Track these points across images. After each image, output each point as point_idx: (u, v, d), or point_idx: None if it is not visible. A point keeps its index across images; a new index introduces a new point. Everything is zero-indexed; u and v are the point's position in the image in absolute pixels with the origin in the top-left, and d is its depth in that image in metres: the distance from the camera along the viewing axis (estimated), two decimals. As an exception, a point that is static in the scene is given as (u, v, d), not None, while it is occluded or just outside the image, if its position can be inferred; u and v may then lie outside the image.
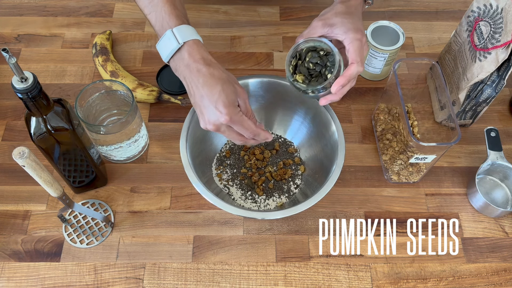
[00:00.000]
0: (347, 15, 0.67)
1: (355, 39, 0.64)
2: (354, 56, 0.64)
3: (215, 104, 0.61)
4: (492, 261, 0.73)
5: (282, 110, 0.81)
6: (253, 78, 0.77)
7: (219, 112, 0.61)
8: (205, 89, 0.61)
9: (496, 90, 0.76)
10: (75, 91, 0.89)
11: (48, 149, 0.65)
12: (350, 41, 0.64)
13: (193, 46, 0.63)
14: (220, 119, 0.61)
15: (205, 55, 0.64)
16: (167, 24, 0.65)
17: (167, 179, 0.80)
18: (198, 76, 0.62)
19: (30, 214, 0.76)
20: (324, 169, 0.73)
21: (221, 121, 0.61)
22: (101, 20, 1.01)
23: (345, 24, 0.65)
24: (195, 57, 0.63)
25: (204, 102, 0.62)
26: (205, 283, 0.70)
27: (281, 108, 0.81)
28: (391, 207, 0.78)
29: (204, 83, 0.62)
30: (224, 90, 0.61)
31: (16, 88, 0.55)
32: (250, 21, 1.02)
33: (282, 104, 0.80)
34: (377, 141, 0.85)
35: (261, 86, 0.78)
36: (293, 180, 0.80)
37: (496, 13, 0.73)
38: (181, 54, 0.64)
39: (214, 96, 0.61)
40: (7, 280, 0.70)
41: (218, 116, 0.61)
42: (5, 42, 0.97)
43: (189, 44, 0.63)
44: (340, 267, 0.72)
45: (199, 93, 0.62)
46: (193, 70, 0.63)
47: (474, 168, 0.79)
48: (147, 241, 0.74)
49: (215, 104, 0.61)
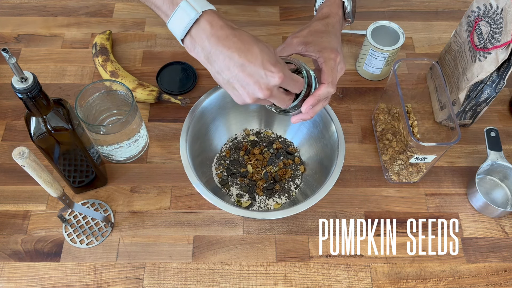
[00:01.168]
0: (324, 34, 0.65)
1: (329, 59, 0.62)
2: (325, 76, 0.62)
3: (263, 67, 0.54)
4: (492, 261, 0.73)
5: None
6: None
7: (270, 73, 0.54)
8: (243, 56, 0.54)
9: (496, 90, 0.76)
10: (75, 91, 0.89)
11: (48, 149, 0.65)
12: (323, 60, 0.63)
13: (213, 15, 0.57)
14: (274, 80, 0.55)
15: (227, 21, 0.57)
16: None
17: (167, 179, 0.80)
18: (227, 44, 0.55)
19: (30, 214, 0.76)
20: (324, 169, 0.73)
21: (275, 82, 0.55)
22: (101, 20, 1.01)
23: (320, 43, 0.64)
24: (218, 24, 0.56)
25: (247, 70, 0.54)
26: (205, 283, 0.70)
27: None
28: (391, 207, 0.78)
29: (238, 50, 0.54)
30: (263, 49, 0.55)
31: (16, 88, 0.55)
32: (250, 21, 1.02)
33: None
34: (377, 141, 0.85)
35: None
36: (293, 180, 0.80)
37: (496, 13, 0.73)
38: (200, 26, 0.56)
39: (257, 59, 0.54)
40: (7, 280, 0.70)
41: (270, 78, 0.54)
42: (5, 42, 0.97)
43: (207, 13, 0.56)
44: (340, 267, 0.72)
45: (235, 63, 0.55)
46: (219, 39, 0.55)
47: (474, 168, 0.79)
48: (147, 241, 0.74)
49: (262, 67, 0.54)
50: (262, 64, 0.54)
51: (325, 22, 0.67)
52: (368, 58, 0.89)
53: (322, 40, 0.64)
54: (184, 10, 0.56)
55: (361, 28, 1.00)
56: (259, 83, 0.55)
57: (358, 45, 0.98)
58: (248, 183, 0.79)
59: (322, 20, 0.67)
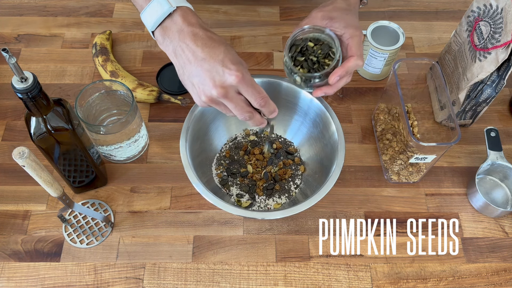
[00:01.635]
0: (347, 11, 0.66)
1: (355, 35, 0.63)
2: (354, 50, 0.63)
3: (222, 63, 0.53)
4: (492, 261, 0.73)
5: (282, 110, 0.81)
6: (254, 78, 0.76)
7: (228, 70, 0.53)
8: (206, 51, 0.54)
9: (496, 90, 0.76)
10: (75, 91, 0.89)
11: (48, 149, 0.65)
12: (349, 35, 0.63)
13: (187, 11, 0.57)
14: (230, 78, 0.54)
15: (201, 21, 0.57)
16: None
17: (167, 179, 0.80)
18: (195, 40, 0.55)
19: (30, 214, 0.76)
20: (324, 169, 0.73)
21: (231, 80, 0.54)
22: (101, 20, 1.01)
23: (345, 19, 0.64)
24: (190, 21, 0.56)
25: (205, 65, 0.54)
26: (205, 283, 0.70)
27: (281, 108, 0.81)
28: (391, 207, 0.78)
29: (204, 45, 0.54)
30: (228, 50, 0.55)
31: (16, 88, 0.55)
32: (250, 21, 1.02)
33: (282, 104, 0.80)
34: (377, 141, 0.85)
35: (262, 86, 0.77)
36: (293, 180, 0.80)
37: (496, 13, 0.73)
38: (172, 19, 0.57)
39: (219, 55, 0.54)
40: (7, 280, 0.70)
41: (227, 75, 0.54)
42: (5, 42, 0.97)
43: (182, 9, 0.57)
44: (340, 267, 0.72)
45: (197, 57, 0.54)
46: (188, 35, 0.55)
47: (474, 168, 0.79)
48: (147, 241, 0.74)
49: (221, 63, 0.53)
50: (222, 61, 0.53)
51: (348, 1, 0.68)
52: (368, 58, 0.89)
53: (346, 17, 0.65)
54: (159, 3, 0.56)
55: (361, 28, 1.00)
56: (215, 79, 0.54)
57: (358, 45, 0.98)
58: (248, 183, 0.79)
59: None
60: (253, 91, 0.57)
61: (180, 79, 0.59)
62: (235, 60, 0.55)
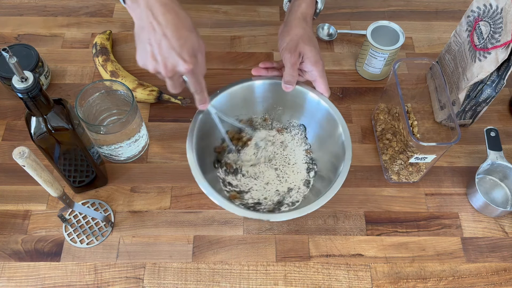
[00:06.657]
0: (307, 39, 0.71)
1: (322, 70, 0.71)
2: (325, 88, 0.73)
3: (180, 50, 0.56)
4: (492, 261, 0.73)
5: (289, 111, 0.80)
6: (259, 80, 0.76)
7: (182, 60, 0.56)
8: (170, 29, 0.55)
9: (496, 90, 0.76)
10: (75, 91, 0.90)
11: (48, 149, 0.65)
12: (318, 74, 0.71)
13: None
14: (181, 67, 0.57)
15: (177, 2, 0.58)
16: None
17: (167, 179, 0.80)
18: (164, 10, 0.55)
19: (30, 214, 0.76)
20: (330, 171, 0.72)
21: (181, 69, 0.57)
22: (101, 20, 1.01)
23: (311, 55, 0.70)
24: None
25: (164, 44, 0.56)
26: (205, 283, 0.70)
27: (288, 110, 0.80)
28: (391, 207, 0.78)
29: (170, 21, 0.56)
30: (190, 37, 0.57)
31: (16, 88, 0.55)
32: (250, 21, 1.02)
33: (288, 105, 0.79)
34: (377, 141, 0.85)
35: (267, 88, 0.77)
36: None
37: (496, 13, 0.73)
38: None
39: (179, 40, 0.56)
40: (7, 280, 0.70)
41: (179, 63, 0.57)
42: (5, 42, 0.97)
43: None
44: (340, 267, 0.72)
45: (161, 30, 0.56)
46: (156, 1, 0.56)
47: (474, 168, 0.79)
48: (147, 241, 0.74)
49: (179, 50, 0.56)
50: (180, 48, 0.56)
51: (304, 24, 0.72)
52: (368, 58, 0.89)
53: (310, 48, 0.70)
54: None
55: (361, 28, 1.00)
56: (167, 63, 0.57)
57: (358, 45, 0.98)
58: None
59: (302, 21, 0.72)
60: (195, 82, 0.62)
61: (136, 33, 0.60)
62: (192, 51, 0.57)
